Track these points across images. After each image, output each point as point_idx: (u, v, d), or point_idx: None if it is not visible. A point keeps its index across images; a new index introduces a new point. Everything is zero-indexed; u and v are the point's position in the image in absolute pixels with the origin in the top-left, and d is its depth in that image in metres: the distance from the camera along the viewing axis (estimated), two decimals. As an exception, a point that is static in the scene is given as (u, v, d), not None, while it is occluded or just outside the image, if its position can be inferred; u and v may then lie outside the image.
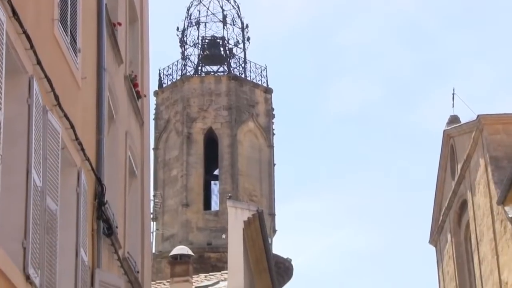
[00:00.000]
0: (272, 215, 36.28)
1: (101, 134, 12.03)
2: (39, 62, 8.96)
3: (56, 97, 9.59)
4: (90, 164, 11.35)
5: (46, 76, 9.20)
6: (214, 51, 39.12)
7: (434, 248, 37.12)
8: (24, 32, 8.55)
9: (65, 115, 10.00)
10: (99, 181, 11.74)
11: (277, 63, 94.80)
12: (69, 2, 10.66)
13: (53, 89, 9.45)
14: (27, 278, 8.40)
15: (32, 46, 8.74)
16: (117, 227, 12.80)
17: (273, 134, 38.06)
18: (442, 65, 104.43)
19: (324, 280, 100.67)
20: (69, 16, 10.65)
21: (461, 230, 32.16)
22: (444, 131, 33.27)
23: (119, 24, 14.06)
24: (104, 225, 11.96)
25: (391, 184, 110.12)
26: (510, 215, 25.20)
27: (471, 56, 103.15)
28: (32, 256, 8.54)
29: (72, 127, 10.28)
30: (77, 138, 10.53)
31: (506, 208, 25.35)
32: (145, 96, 16.73)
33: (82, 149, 10.81)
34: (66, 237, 10.06)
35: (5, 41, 8.01)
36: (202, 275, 26.33)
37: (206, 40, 39.19)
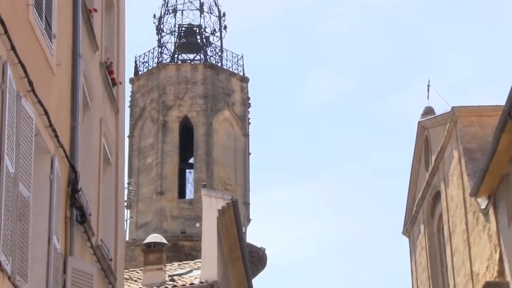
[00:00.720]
0: (247, 204, 36.38)
1: (75, 121, 11.98)
2: (13, 48, 8.91)
3: (30, 83, 9.53)
4: (64, 151, 11.30)
5: (20, 61, 9.15)
6: (190, 39, 39.14)
7: (407, 239, 37.31)
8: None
9: (39, 101, 9.94)
10: (73, 168, 11.70)
11: (253, 52, 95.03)
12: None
13: (27, 75, 9.40)
14: (-1, 265, 8.37)
15: (6, 31, 8.69)
16: (90, 215, 12.77)
17: (249, 123, 38.14)
18: (418, 57, 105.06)
19: (298, 269, 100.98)
20: (44, 1, 10.59)
21: (434, 221, 32.34)
22: (419, 122, 33.43)
23: (95, 10, 14.00)
24: (77, 212, 11.91)
25: (366, 175, 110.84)
26: (482, 207, 25.35)
27: (447, 48, 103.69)
28: (3, 243, 8.51)
29: (46, 113, 10.23)
30: (51, 125, 10.48)
31: (479, 200, 25.51)
32: (120, 83, 16.67)
33: (56, 136, 10.76)
34: (38, 224, 10.04)
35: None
36: (176, 264, 26.35)
37: (183, 28, 39.21)
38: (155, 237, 25.21)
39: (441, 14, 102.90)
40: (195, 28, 39.25)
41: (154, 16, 39.43)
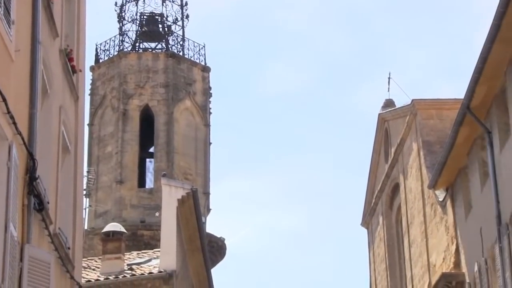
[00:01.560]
0: (207, 194, 36.43)
1: (34, 108, 11.91)
2: (-30, 33, 8.82)
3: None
4: (22, 138, 11.22)
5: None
6: (152, 27, 39.09)
7: (366, 230, 37.51)
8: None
9: (-4, 87, 9.85)
10: (31, 156, 11.63)
11: (215, 42, 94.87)
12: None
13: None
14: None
15: (-37, 16, 8.59)
16: (48, 203, 12.71)
17: (210, 113, 38.18)
18: (379, 49, 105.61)
19: (257, 259, 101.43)
20: (3, -13, 10.50)
21: (393, 213, 32.54)
22: (379, 114, 33.60)
23: (55, -3, 13.90)
24: (35, 200, 11.85)
25: (326, 166, 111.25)
26: (440, 199, 25.56)
27: (407, 41, 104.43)
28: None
29: (4, 100, 10.14)
30: (9, 112, 10.39)
31: (437, 192, 25.71)
32: (80, 71, 16.56)
33: (14, 123, 10.67)
34: None
35: None
36: (135, 253, 26.32)
37: (145, 16, 39.17)
38: (114, 226, 25.17)
39: (400, 8, 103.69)
40: (157, 17, 39.21)
41: (116, 3, 39.38)
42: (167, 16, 39.10)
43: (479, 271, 21.94)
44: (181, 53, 37.94)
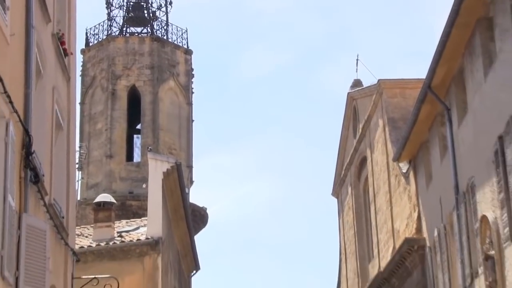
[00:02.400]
0: (190, 167, 36.43)
1: (29, 88, 11.90)
2: (-32, 18, 8.76)
3: (-15, 52, 9.40)
4: (18, 116, 11.21)
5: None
6: (138, 13, 38.92)
7: (336, 200, 37.66)
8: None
9: (-7, 69, 9.82)
10: (26, 132, 11.63)
11: (197, 26, 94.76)
12: (-2, -38, 10.45)
13: (-18, 44, 9.27)
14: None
15: (-39, 2, 8.54)
16: (43, 175, 12.75)
17: (192, 92, 38.15)
18: (348, 34, 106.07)
19: (236, 227, 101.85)
20: (-1, -25, 10.44)
21: (361, 183, 32.67)
22: (348, 93, 33.66)
23: (47, -15, 13.83)
24: (31, 173, 11.88)
25: (300, 141, 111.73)
26: (404, 171, 25.68)
27: (374, 26, 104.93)
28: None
29: (1, 80, 10.14)
30: (5, 91, 10.39)
31: (401, 165, 25.84)
32: (71, 53, 16.52)
33: (11, 102, 10.68)
34: None
35: None
36: (124, 221, 26.34)
37: (131, 3, 39.04)
38: (104, 197, 25.16)
39: None
40: (142, 3, 39.07)
41: (105, -8, 39.12)
42: (151, 2, 39.05)
43: (438, 236, 22.09)
44: (165, 37, 37.85)
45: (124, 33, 37.92)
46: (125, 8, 38.67)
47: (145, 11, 38.96)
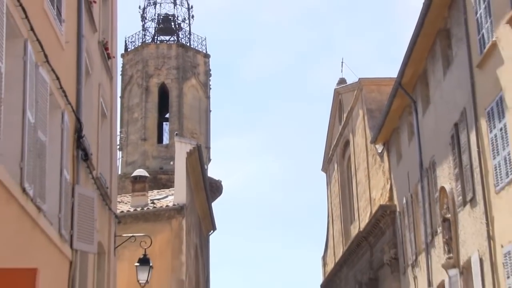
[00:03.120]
0: (208, 148, 36.40)
1: (80, 85, 11.98)
2: (32, 29, 8.85)
3: (45, 56, 9.50)
4: (71, 107, 11.31)
5: (37, 39, 9.10)
6: (166, 25, 38.76)
7: (325, 174, 37.76)
8: (20, 5, 8.42)
9: (52, 70, 9.92)
10: (78, 120, 11.72)
11: (214, 34, 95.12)
12: (56, -16, 10.51)
13: (43, 50, 9.36)
14: (23, 190, 8.43)
15: (26, 16, 8.61)
16: (91, 154, 12.82)
17: (210, 88, 38.07)
18: (334, 40, 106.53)
19: (245, 195, 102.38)
20: (56, -6, 10.52)
21: (344, 161, 32.77)
22: (335, 89, 33.72)
23: (94, 2, 13.89)
24: (81, 152, 11.96)
25: (296, 127, 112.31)
26: (379, 151, 25.78)
27: (356, 34, 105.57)
28: (27, 174, 8.56)
29: (58, 78, 10.22)
30: (61, 87, 10.48)
31: (377, 146, 25.93)
32: (113, 57, 16.57)
33: (65, 96, 10.77)
34: (53, 161, 10.08)
35: (5, 11, 7.89)
36: (155, 191, 26.41)
37: (161, 17, 38.85)
38: (140, 172, 25.22)
39: (349, 8, 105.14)
40: (170, 17, 38.89)
41: (139, 7, 39.07)
42: (177, 16, 38.81)
43: (406, 203, 22.20)
44: (188, 44, 37.66)
45: (155, 41, 37.75)
46: (156, 20, 38.53)
47: (172, 23, 38.77)
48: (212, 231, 32.46)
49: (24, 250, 8.56)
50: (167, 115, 36.84)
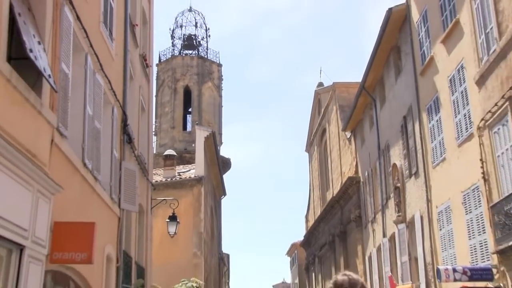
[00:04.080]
0: (220, 134, 36.48)
1: (125, 86, 12.02)
2: (91, 45, 8.94)
3: (100, 65, 9.59)
4: (119, 102, 11.39)
5: (95, 53, 9.19)
6: (189, 42, 38.73)
7: (307, 154, 37.86)
8: (83, 27, 8.50)
9: (105, 75, 10.01)
10: (124, 113, 11.76)
11: (225, 47, 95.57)
12: (108, 11, 10.56)
13: (98, 60, 9.45)
14: (84, 164, 8.53)
15: (87, 36, 8.70)
16: (134, 138, 12.88)
17: (222, 89, 38.10)
18: (315, 54, 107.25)
19: (249, 169, 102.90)
20: (108, 20, 10.58)
21: (322, 144, 32.84)
22: (315, 91, 33.71)
23: (136, 25, 13.94)
24: (126, 137, 12.00)
25: (286, 119, 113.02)
26: (348, 137, 25.83)
27: (331, 49, 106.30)
28: (87, 152, 8.67)
29: (109, 82, 10.30)
30: (112, 88, 10.57)
31: (346, 133, 25.99)
32: (150, 66, 16.60)
33: (115, 95, 10.85)
34: (106, 143, 10.15)
35: (72, 32, 7.97)
36: (181, 166, 26.56)
37: (185, 36, 38.82)
38: (169, 151, 25.34)
39: (326, 27, 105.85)
40: (192, 36, 38.85)
41: (170, 29, 39.15)
42: (198, 36, 38.80)
43: (367, 175, 22.35)
44: (206, 56, 37.68)
45: (181, 54, 37.71)
46: (182, 39, 38.52)
47: (194, 41, 38.73)
48: (223, 196, 32.67)
49: (85, 209, 8.65)
50: (190, 109, 36.88)
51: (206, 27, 39.42)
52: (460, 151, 13.09)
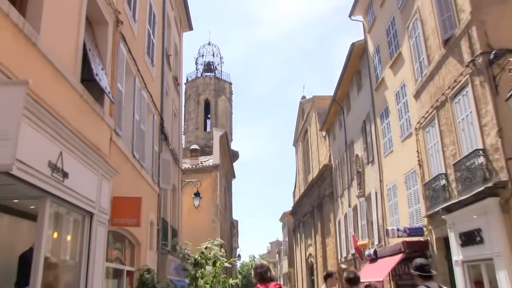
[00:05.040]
0: (231, 133, 36.52)
1: (162, 98, 11.95)
2: (138, 70, 9.03)
3: (145, 84, 9.66)
4: (158, 111, 11.34)
5: (140, 75, 9.28)
6: (208, 67, 38.74)
7: (294, 148, 37.90)
8: (132, 57, 8.60)
9: (148, 91, 10.04)
10: (161, 118, 11.74)
11: (234, 70, 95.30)
12: (150, 46, 10.64)
13: (143, 81, 9.52)
14: (133, 156, 8.56)
15: (135, 63, 8.80)
16: (168, 137, 12.80)
17: (232, 100, 38.10)
18: (299, 74, 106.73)
19: (253, 160, 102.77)
20: (150, 51, 10.65)
21: (305, 140, 32.81)
22: (300, 102, 33.64)
23: (170, 55, 13.96)
24: (163, 136, 11.94)
25: (279, 122, 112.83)
26: (323, 135, 25.79)
27: (312, 71, 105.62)
28: (135, 147, 8.73)
29: (151, 96, 10.30)
30: (153, 101, 10.59)
31: (322, 132, 25.94)
32: (180, 84, 16.57)
33: (155, 105, 10.84)
34: (148, 140, 10.14)
35: (125, 62, 8.09)
36: (203, 157, 26.63)
37: (205, 62, 38.84)
38: (194, 146, 25.47)
39: (308, 55, 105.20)
40: (210, 62, 38.91)
41: (194, 57, 39.22)
42: (214, 62, 38.88)
43: (338, 163, 22.35)
44: (220, 77, 37.70)
45: (202, 76, 37.78)
46: (203, 65, 38.67)
47: (212, 66, 38.83)
48: (233, 178, 32.76)
49: (135, 188, 8.68)
50: (209, 116, 36.92)
51: (220, 55, 39.47)
52: (403, 145, 13.23)
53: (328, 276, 6.03)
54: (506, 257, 7.86)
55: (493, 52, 8.40)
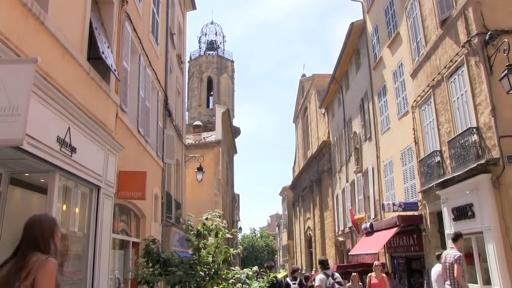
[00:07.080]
0: (233, 110, 36.44)
1: (166, 77, 11.93)
2: (143, 48, 8.98)
3: (149, 62, 9.62)
4: (162, 88, 11.32)
5: (145, 53, 9.22)
6: (211, 45, 38.36)
7: (294, 124, 37.88)
8: (137, 36, 8.53)
9: (153, 69, 10.01)
10: (165, 95, 11.71)
11: (236, 49, 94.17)
12: (155, 24, 10.53)
13: (148, 59, 9.49)
14: (139, 131, 8.61)
15: (140, 42, 8.75)
16: (172, 113, 12.80)
17: (234, 78, 37.87)
18: (299, 53, 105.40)
19: (253, 134, 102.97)
20: (155, 30, 10.55)
21: (305, 117, 32.80)
22: (300, 80, 33.46)
23: (174, 33, 13.83)
24: (167, 112, 11.94)
25: (279, 99, 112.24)
26: (323, 112, 25.74)
27: (310, 50, 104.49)
28: (140, 123, 8.76)
29: (155, 74, 10.30)
30: (157, 78, 10.56)
31: (322, 110, 25.91)
32: (183, 62, 16.45)
33: (159, 82, 10.83)
34: (153, 116, 10.16)
35: (130, 39, 8.02)
36: (205, 133, 26.65)
37: (208, 41, 38.43)
38: (197, 122, 25.49)
39: (308, 36, 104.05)
40: (213, 41, 38.50)
41: (197, 36, 38.76)
42: (217, 41, 38.43)
43: (336, 139, 22.41)
44: (223, 55, 37.36)
45: (205, 54, 37.44)
46: (206, 43, 38.27)
47: (214, 45, 38.43)
48: (235, 154, 32.88)
49: (140, 162, 8.74)
50: (211, 93, 36.79)
51: (223, 34, 39.02)
52: (400, 123, 13.25)
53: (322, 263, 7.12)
54: (495, 231, 8.00)
55: (488, 33, 8.32)
